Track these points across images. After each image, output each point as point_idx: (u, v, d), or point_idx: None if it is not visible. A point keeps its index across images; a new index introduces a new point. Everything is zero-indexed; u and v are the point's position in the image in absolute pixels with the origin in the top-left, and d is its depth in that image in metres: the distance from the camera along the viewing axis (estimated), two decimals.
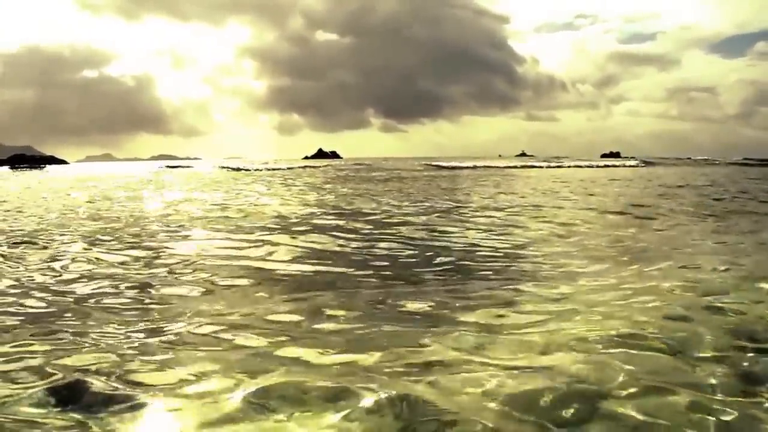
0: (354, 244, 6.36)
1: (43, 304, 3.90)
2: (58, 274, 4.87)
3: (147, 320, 3.51)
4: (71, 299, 4.02)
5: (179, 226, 8.21)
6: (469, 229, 7.62)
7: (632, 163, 52.08)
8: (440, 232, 7.34)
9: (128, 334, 3.23)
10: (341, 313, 3.62)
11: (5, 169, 56.47)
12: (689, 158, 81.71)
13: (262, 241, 6.65)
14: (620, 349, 2.82)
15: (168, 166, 56.23)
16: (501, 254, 5.67)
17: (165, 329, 3.30)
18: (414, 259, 5.49)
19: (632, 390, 2.33)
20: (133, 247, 6.21)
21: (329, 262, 5.41)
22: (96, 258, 5.63)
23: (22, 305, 3.89)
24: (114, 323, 3.44)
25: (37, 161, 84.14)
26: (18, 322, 3.51)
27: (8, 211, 11.32)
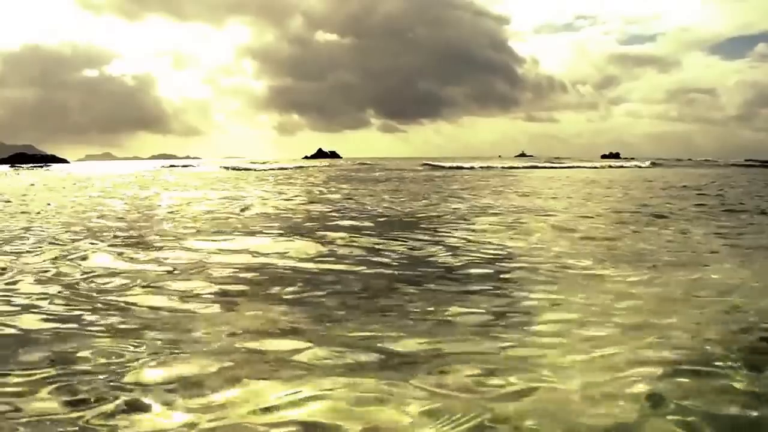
0: (368, 245, 6.35)
1: (71, 307, 3.92)
2: (82, 275, 4.88)
3: (173, 325, 3.53)
4: (98, 301, 4.04)
5: (194, 225, 8.23)
6: (481, 230, 7.62)
7: (640, 164, 50.90)
8: (451, 232, 7.34)
9: (160, 340, 3.25)
10: (364, 317, 3.64)
11: (6, 168, 56.32)
12: (690, 159, 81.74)
13: (279, 240, 6.66)
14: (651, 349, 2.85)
15: (170, 166, 56.20)
16: (516, 256, 5.68)
17: (194, 334, 3.32)
18: (431, 260, 5.48)
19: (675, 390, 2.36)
20: (151, 247, 6.22)
21: (347, 262, 5.40)
22: (115, 258, 5.64)
23: (49, 310, 3.91)
24: (142, 329, 3.47)
25: (38, 160, 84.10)
26: (52, 334, 3.53)
27: (21, 210, 11.33)
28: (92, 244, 6.53)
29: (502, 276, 4.73)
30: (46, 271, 4.98)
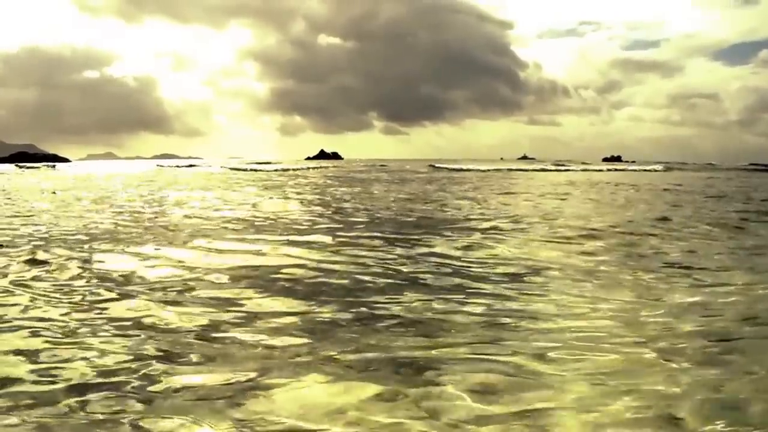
0: (390, 246, 6.26)
1: (111, 302, 3.88)
2: (107, 273, 4.83)
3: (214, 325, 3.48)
4: (136, 295, 3.99)
5: (215, 225, 8.19)
6: (501, 232, 7.55)
7: (655, 167, 48.98)
8: (471, 234, 7.27)
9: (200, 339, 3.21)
10: (397, 324, 3.58)
11: (11, 167, 55.94)
12: (694, 163, 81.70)
13: (303, 240, 6.59)
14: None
15: (175, 166, 55.99)
16: (539, 261, 5.62)
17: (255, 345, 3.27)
18: (454, 261, 5.42)
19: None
20: (183, 243, 6.16)
21: (369, 263, 5.33)
22: (145, 257, 5.59)
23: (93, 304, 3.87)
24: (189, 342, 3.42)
25: (39, 159, 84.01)
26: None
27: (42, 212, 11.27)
28: (113, 244, 6.49)
29: (544, 282, 4.67)
30: (86, 267, 4.93)
